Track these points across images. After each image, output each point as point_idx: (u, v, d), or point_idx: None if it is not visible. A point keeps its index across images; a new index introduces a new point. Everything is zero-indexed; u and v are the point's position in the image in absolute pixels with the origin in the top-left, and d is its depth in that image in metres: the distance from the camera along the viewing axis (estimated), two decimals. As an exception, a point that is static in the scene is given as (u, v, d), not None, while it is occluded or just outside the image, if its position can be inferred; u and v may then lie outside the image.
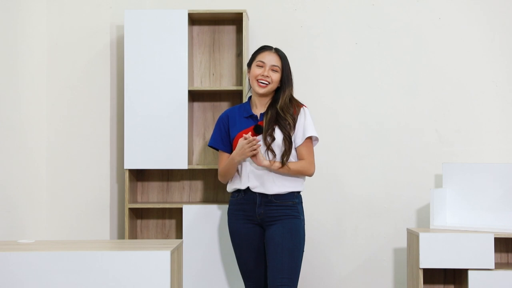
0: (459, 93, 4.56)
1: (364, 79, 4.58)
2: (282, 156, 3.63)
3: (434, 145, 4.55)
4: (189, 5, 4.56)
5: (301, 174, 3.69)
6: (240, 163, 3.67)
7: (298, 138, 3.68)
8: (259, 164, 3.61)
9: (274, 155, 3.63)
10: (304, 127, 3.69)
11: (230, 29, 4.58)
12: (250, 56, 3.92)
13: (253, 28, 4.57)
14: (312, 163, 3.70)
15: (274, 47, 3.76)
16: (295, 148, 3.69)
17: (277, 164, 3.63)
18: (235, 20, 4.54)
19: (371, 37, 4.58)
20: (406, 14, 4.58)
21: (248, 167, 3.67)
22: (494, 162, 4.42)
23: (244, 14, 4.36)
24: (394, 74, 4.58)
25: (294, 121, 3.67)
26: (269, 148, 3.62)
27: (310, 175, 3.72)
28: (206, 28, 4.58)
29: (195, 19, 4.52)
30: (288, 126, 3.65)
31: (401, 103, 4.57)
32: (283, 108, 3.67)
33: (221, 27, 4.58)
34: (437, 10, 4.58)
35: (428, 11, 4.58)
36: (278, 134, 3.65)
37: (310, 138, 3.71)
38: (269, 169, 3.63)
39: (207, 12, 4.37)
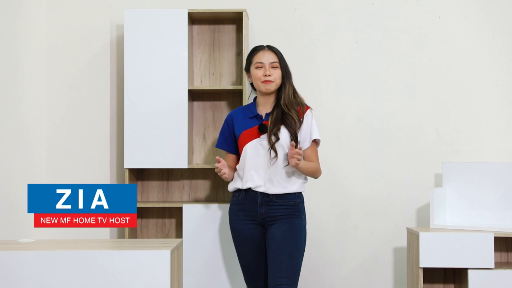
0: (459, 92, 4.56)
1: (364, 78, 4.58)
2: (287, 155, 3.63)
3: (434, 144, 4.55)
4: (189, 5, 4.55)
5: (312, 174, 3.70)
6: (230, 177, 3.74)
7: (306, 141, 3.69)
8: (293, 166, 3.57)
9: (276, 155, 3.63)
10: (311, 130, 3.70)
11: (230, 29, 4.57)
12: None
13: (253, 28, 4.57)
14: (319, 166, 3.73)
15: (265, 45, 3.77)
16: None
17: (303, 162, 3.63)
18: (235, 19, 4.53)
19: (371, 37, 4.58)
20: (406, 14, 4.58)
21: (251, 167, 3.66)
22: (494, 162, 4.42)
23: (244, 14, 4.35)
24: (394, 73, 4.58)
25: (299, 116, 3.66)
26: (272, 147, 3.63)
27: (318, 176, 3.75)
28: (206, 28, 4.58)
29: (195, 19, 4.52)
30: (293, 123, 3.64)
31: (401, 102, 4.57)
32: (287, 104, 3.67)
33: (221, 27, 4.58)
34: (437, 9, 4.57)
35: (428, 11, 4.57)
36: (283, 134, 3.64)
37: (315, 141, 3.72)
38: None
39: (207, 11, 4.37)
